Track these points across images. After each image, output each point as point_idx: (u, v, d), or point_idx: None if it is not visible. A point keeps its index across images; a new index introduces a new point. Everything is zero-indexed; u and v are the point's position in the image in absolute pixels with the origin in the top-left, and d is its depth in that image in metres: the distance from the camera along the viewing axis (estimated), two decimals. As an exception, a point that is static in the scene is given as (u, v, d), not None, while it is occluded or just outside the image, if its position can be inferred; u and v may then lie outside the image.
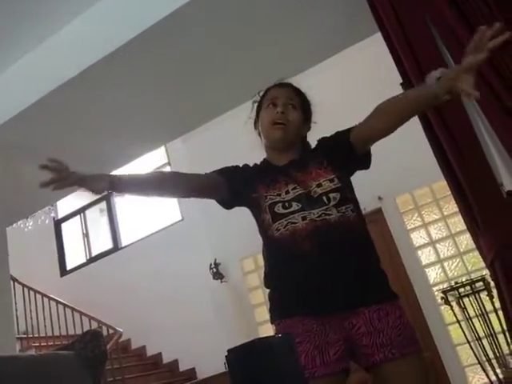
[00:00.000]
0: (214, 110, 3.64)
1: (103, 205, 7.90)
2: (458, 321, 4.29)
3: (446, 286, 4.68)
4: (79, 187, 1.37)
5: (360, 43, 3.28)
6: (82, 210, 8.11)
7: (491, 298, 3.93)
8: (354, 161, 1.57)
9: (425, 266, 5.06)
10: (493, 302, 3.88)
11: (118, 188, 1.41)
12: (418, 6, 2.15)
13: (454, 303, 4.26)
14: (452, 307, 4.27)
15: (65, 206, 8.10)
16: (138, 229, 7.29)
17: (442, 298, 4.33)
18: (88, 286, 6.89)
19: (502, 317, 2.20)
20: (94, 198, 7.95)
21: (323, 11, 2.81)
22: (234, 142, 3.58)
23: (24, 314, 6.37)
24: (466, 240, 4.76)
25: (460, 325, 4.28)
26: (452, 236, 5.00)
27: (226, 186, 1.60)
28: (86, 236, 8.02)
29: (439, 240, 5.08)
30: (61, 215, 8.32)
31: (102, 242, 7.76)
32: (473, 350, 4.21)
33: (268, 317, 1.59)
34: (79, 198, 7.65)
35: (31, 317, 6.44)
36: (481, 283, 4.08)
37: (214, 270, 6.01)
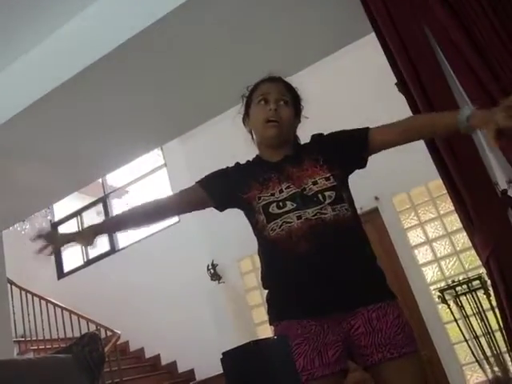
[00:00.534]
0: (211, 110, 3.63)
1: (100, 207, 7.88)
2: (456, 319, 4.31)
3: (443, 284, 4.69)
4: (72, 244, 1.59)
5: (355, 43, 3.28)
6: (78, 213, 8.09)
7: (488, 296, 3.95)
8: (354, 160, 1.57)
9: (422, 264, 5.05)
10: (490, 300, 3.89)
11: (105, 233, 1.64)
12: (411, 6, 2.15)
13: (451, 302, 4.28)
14: (449, 306, 4.29)
15: (61, 209, 8.07)
16: (135, 231, 7.26)
17: (439, 296, 4.35)
18: (85, 289, 6.87)
19: (498, 315, 2.21)
20: (91, 200, 7.96)
21: (318, 11, 2.82)
22: (230, 143, 3.58)
23: (21, 317, 6.34)
24: (462, 238, 4.76)
25: (457, 323, 4.30)
26: (448, 235, 4.99)
27: (208, 198, 1.62)
28: (83, 238, 7.97)
29: (436, 239, 5.08)
30: (57, 218, 8.31)
31: (98, 245, 7.71)
32: (470, 348, 4.23)
33: (266, 317, 1.58)
34: (76, 201, 7.65)
35: (29, 320, 6.41)
36: (477, 281, 4.10)
37: (212, 271, 6.00)
